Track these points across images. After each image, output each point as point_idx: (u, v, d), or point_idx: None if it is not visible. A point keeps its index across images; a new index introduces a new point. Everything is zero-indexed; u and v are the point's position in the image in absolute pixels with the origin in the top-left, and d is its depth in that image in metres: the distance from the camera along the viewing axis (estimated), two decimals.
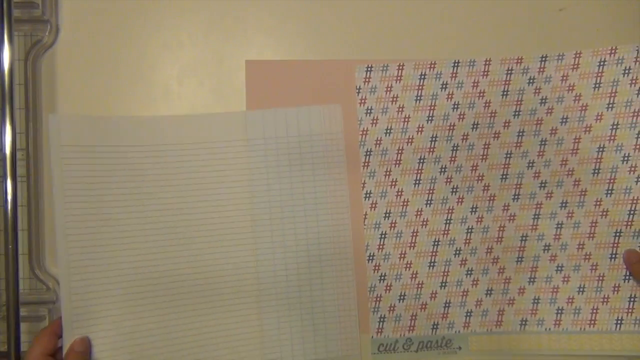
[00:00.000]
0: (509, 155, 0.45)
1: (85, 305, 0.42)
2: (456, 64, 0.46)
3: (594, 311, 0.45)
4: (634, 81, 0.44)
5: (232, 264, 0.45)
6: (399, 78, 0.46)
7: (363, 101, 0.46)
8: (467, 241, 0.45)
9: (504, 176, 0.45)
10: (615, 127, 0.44)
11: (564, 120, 0.45)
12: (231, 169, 0.45)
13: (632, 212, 0.44)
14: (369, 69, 0.46)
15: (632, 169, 0.44)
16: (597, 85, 0.44)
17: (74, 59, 0.46)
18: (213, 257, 0.45)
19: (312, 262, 0.45)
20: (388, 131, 0.46)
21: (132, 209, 0.44)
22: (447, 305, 0.46)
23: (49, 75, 0.45)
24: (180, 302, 0.44)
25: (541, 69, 0.45)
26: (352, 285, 0.46)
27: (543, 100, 0.45)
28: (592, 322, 0.45)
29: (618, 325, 0.45)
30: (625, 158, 0.44)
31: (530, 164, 0.45)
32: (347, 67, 0.46)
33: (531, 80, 0.45)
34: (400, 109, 0.46)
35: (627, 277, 0.45)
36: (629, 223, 0.44)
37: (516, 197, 0.45)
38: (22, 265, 0.44)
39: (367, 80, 0.46)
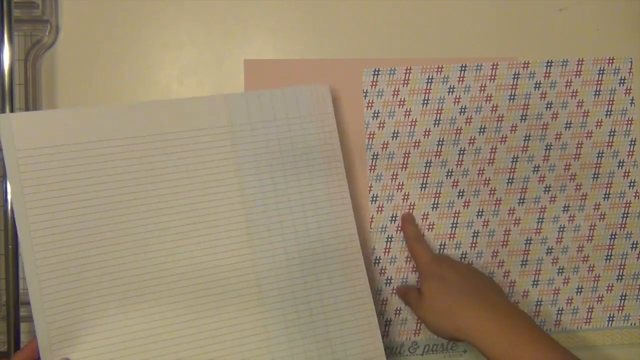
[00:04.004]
0: (515, 160, 0.46)
1: (63, 325, 0.38)
2: (463, 68, 0.46)
3: (590, 310, 0.47)
4: (628, 91, 0.46)
5: (225, 262, 0.40)
6: (406, 82, 0.45)
7: (370, 105, 0.45)
8: (473, 245, 0.46)
9: (510, 180, 0.46)
10: (612, 133, 0.46)
11: (568, 125, 0.46)
12: (216, 159, 0.41)
13: (625, 215, 0.46)
14: (376, 72, 0.45)
15: (626, 174, 0.46)
16: (597, 93, 0.46)
17: (74, 59, 0.45)
18: (202, 257, 0.40)
19: (316, 260, 0.42)
20: (395, 135, 0.45)
21: (107, 214, 0.39)
22: None
23: (49, 75, 0.44)
24: (169, 305, 0.40)
25: (547, 74, 0.46)
26: (364, 283, 0.42)
27: (549, 105, 0.46)
28: (588, 320, 0.47)
29: (610, 322, 0.47)
30: (621, 164, 0.46)
31: (536, 169, 0.46)
32: (346, 66, 0.46)
33: (537, 85, 0.46)
34: (407, 113, 0.45)
35: (620, 277, 0.47)
36: (623, 225, 0.46)
37: (521, 201, 0.46)
38: (22, 265, 0.41)
39: (374, 84, 0.45)
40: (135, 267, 0.39)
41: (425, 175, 0.46)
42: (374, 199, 0.45)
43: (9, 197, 0.39)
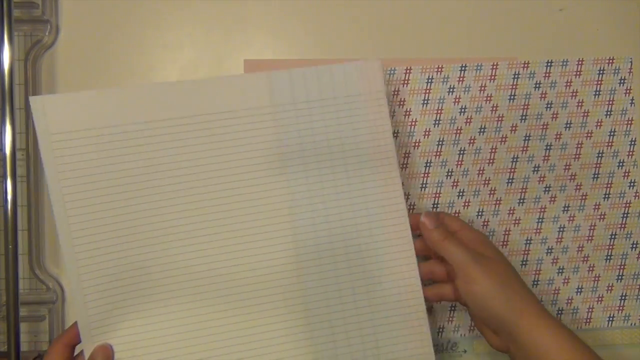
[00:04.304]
0: (515, 160, 0.46)
1: (102, 310, 0.37)
2: (463, 68, 0.46)
3: (590, 310, 0.47)
4: (628, 91, 0.46)
5: (267, 251, 0.39)
6: (406, 82, 0.45)
7: None
8: None
9: (510, 180, 0.46)
10: (612, 133, 0.46)
11: (568, 125, 0.46)
12: (257, 142, 0.38)
13: (625, 215, 0.46)
14: None
15: (626, 174, 0.46)
16: (597, 93, 0.46)
17: (74, 59, 0.44)
18: (242, 248, 0.38)
19: (364, 257, 0.39)
20: (395, 135, 0.45)
21: (144, 199, 0.38)
22: (452, 309, 0.46)
23: (49, 75, 0.44)
24: (207, 299, 0.38)
25: (547, 74, 0.46)
26: (415, 276, 0.40)
27: (549, 105, 0.46)
28: (588, 320, 0.47)
29: (610, 322, 0.47)
30: (621, 164, 0.46)
31: (536, 169, 0.46)
32: None
33: (537, 85, 0.46)
34: (407, 113, 0.45)
35: (620, 277, 0.47)
36: (623, 225, 0.46)
37: (521, 201, 0.46)
38: (22, 265, 0.43)
39: None
40: (173, 255, 0.38)
41: (425, 175, 0.46)
42: None
43: (9, 197, 0.39)
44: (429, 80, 0.46)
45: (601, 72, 0.46)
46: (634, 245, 0.46)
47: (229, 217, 0.39)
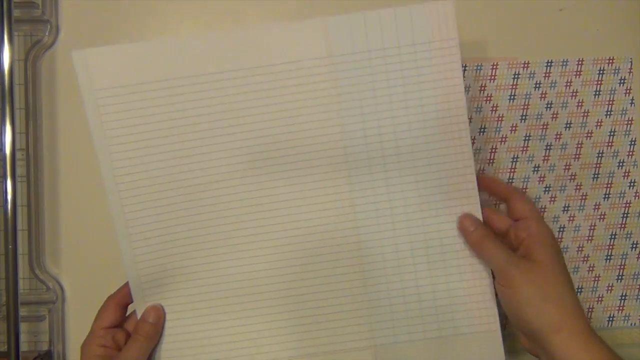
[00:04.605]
0: (515, 160, 0.46)
1: (153, 271, 0.37)
2: (463, 68, 0.45)
3: (590, 310, 0.47)
4: (628, 91, 0.46)
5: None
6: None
7: None
8: None
9: (511, 180, 0.46)
10: (612, 133, 0.46)
11: (568, 125, 0.46)
12: (314, 97, 0.35)
13: (625, 215, 0.46)
14: None
15: (626, 174, 0.46)
16: (597, 93, 0.46)
17: None
18: (299, 207, 0.36)
19: (424, 226, 0.37)
20: None
21: (194, 158, 0.36)
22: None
23: (49, 75, 0.44)
24: (262, 250, 0.37)
25: (547, 74, 0.46)
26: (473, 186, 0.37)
27: (549, 105, 0.46)
28: (588, 320, 0.47)
29: (610, 322, 0.47)
30: (621, 164, 0.46)
31: (536, 169, 0.46)
32: None
33: (537, 85, 0.46)
34: None
35: (620, 277, 0.47)
36: (623, 225, 0.46)
37: None
38: (22, 265, 0.43)
39: None
40: (224, 213, 0.37)
41: None
42: None
43: (9, 197, 0.39)
44: None
45: (601, 72, 0.46)
46: (634, 245, 0.46)
47: (282, 163, 0.36)
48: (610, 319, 0.47)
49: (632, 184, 0.46)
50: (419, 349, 0.38)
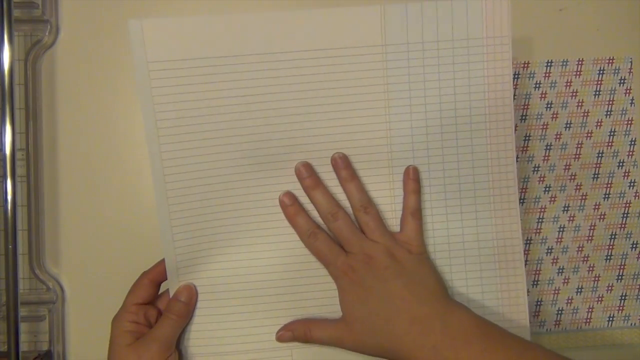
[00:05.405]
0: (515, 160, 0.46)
1: (189, 251, 0.37)
2: None
3: (590, 310, 0.47)
4: (628, 91, 0.46)
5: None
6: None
7: None
8: None
9: None
10: (612, 133, 0.46)
11: (568, 125, 0.46)
12: (366, 85, 0.36)
13: (625, 215, 0.46)
14: None
15: (626, 174, 0.46)
16: (597, 93, 0.46)
17: (74, 59, 0.44)
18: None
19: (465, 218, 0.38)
20: None
21: (240, 139, 0.36)
22: None
23: (49, 75, 0.44)
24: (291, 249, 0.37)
25: (547, 74, 0.46)
26: (517, 224, 0.38)
27: (549, 105, 0.46)
28: (588, 320, 0.47)
29: (610, 322, 0.47)
30: (620, 164, 0.46)
31: (536, 169, 0.46)
32: None
33: (537, 85, 0.46)
34: None
35: (620, 277, 0.47)
36: (623, 225, 0.46)
37: (522, 201, 0.46)
38: (22, 265, 0.43)
39: None
40: (263, 199, 0.37)
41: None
42: None
43: (9, 197, 0.39)
44: None
45: (601, 72, 0.46)
46: (634, 245, 0.46)
47: (329, 149, 0.37)
48: (610, 319, 0.47)
49: (632, 184, 0.46)
50: None
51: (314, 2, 0.45)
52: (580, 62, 0.46)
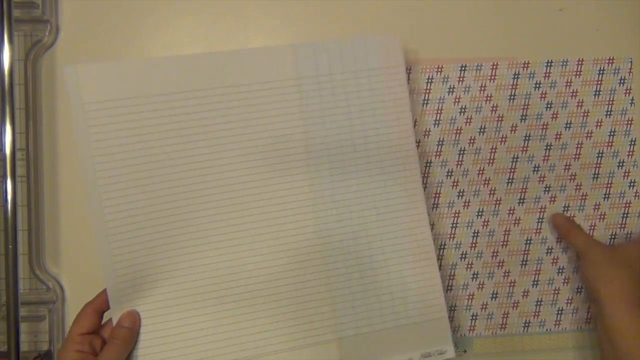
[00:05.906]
0: (515, 160, 0.46)
1: (130, 278, 0.39)
2: (463, 68, 0.45)
3: (590, 310, 0.47)
4: (628, 91, 0.46)
5: (291, 221, 0.41)
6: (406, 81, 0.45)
7: None
8: (473, 245, 0.46)
9: (510, 180, 0.46)
10: (612, 133, 0.46)
11: (568, 125, 0.46)
12: (283, 114, 0.40)
13: (625, 215, 0.46)
14: None
15: (626, 174, 0.46)
16: (597, 93, 0.46)
17: (74, 59, 0.45)
18: (271, 213, 0.40)
19: (380, 222, 0.41)
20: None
21: (172, 169, 0.39)
22: (453, 309, 0.46)
23: (49, 75, 0.44)
24: (241, 246, 0.40)
25: (547, 74, 0.46)
26: (429, 241, 0.42)
27: (549, 105, 0.46)
28: (588, 320, 0.46)
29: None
30: (620, 164, 0.46)
31: (536, 169, 0.46)
32: None
33: (537, 85, 0.46)
34: None
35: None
36: (623, 225, 0.46)
37: (521, 201, 0.46)
38: (22, 265, 0.43)
39: None
40: (203, 227, 0.40)
41: (425, 175, 0.46)
42: None
43: (9, 197, 0.39)
44: (429, 80, 0.46)
45: (601, 72, 0.46)
46: (628, 235, 0.46)
47: (252, 181, 0.40)
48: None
49: (632, 184, 0.46)
50: (378, 338, 0.41)
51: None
52: (580, 62, 0.46)
